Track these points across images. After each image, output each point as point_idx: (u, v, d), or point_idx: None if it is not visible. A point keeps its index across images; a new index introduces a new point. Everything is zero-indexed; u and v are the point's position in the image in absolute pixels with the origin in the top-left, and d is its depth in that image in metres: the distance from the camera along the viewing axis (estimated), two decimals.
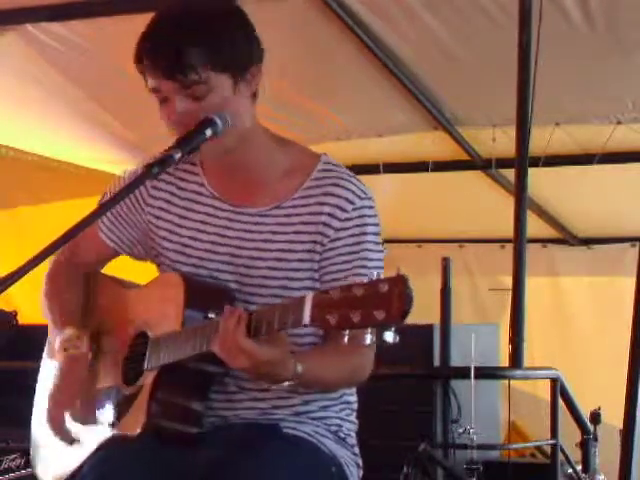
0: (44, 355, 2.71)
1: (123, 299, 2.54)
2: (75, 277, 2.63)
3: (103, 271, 2.71)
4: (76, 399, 2.49)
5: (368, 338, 1.90)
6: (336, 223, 2.37)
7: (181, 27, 2.28)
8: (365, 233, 2.38)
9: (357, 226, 2.38)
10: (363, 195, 2.40)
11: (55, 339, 2.55)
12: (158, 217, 2.50)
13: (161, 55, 2.27)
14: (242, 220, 2.42)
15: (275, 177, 2.42)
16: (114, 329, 2.50)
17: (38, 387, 2.71)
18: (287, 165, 2.43)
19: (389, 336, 1.90)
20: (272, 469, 2.23)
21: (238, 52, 2.32)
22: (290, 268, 2.39)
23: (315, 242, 2.37)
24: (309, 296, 2.00)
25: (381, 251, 2.40)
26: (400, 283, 1.89)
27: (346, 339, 1.93)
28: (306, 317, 1.99)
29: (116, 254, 2.62)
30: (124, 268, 2.73)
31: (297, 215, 2.39)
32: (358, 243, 2.37)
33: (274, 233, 2.40)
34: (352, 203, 2.38)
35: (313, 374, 2.23)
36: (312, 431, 2.41)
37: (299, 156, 2.46)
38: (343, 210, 2.37)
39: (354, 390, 2.53)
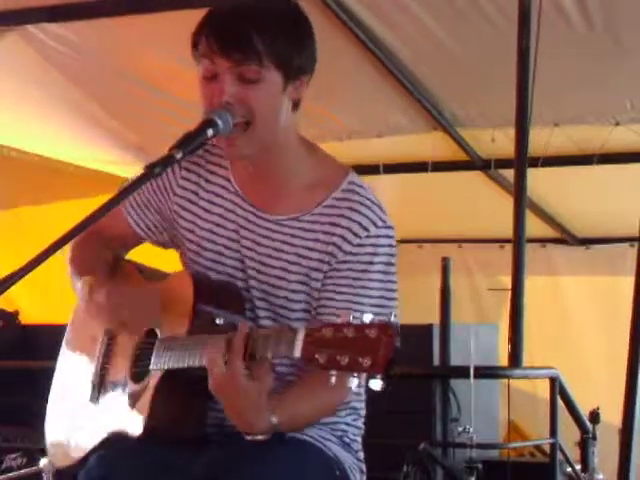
0: (63, 345, 2.72)
1: None
2: (102, 251, 2.60)
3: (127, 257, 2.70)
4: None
5: (354, 382, 1.89)
6: (347, 246, 2.35)
7: (252, 15, 2.30)
8: (373, 263, 2.35)
9: (367, 254, 2.35)
10: (380, 224, 2.38)
11: (78, 295, 2.53)
12: (184, 208, 2.50)
13: (226, 33, 2.28)
14: (258, 224, 2.42)
15: (299, 187, 2.41)
16: (128, 322, 2.49)
17: (59, 363, 2.71)
18: (313, 177, 2.42)
19: (375, 384, 1.88)
20: (275, 471, 2.23)
21: (297, 55, 2.35)
22: (295, 280, 2.38)
23: (322, 261, 2.36)
24: (302, 330, 2.00)
25: (391, 281, 2.37)
26: (388, 331, 1.88)
27: (333, 380, 1.91)
28: (297, 352, 1.99)
29: (141, 240, 2.61)
30: (148, 255, 2.73)
31: (312, 231, 2.38)
32: (364, 271, 2.34)
33: (285, 244, 2.39)
34: (366, 230, 2.36)
35: (288, 425, 2.23)
36: (316, 435, 2.41)
37: (326, 170, 2.44)
38: (356, 235, 2.35)
39: (362, 397, 2.52)
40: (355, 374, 1.89)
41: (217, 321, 2.27)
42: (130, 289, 2.50)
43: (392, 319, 1.92)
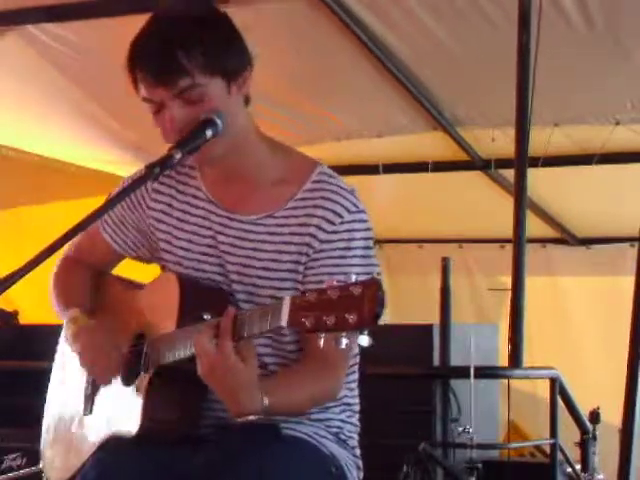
0: (58, 349, 2.73)
1: (125, 299, 2.55)
2: (82, 273, 2.64)
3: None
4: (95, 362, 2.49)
5: (343, 342, 1.91)
6: (322, 235, 2.36)
7: (170, 33, 2.29)
8: (350, 248, 2.36)
9: (343, 240, 2.36)
10: (353, 209, 2.39)
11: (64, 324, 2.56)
12: (160, 221, 2.51)
13: (152, 62, 2.28)
14: (235, 227, 2.43)
15: (268, 184, 2.42)
16: (116, 329, 2.51)
17: (51, 379, 2.73)
18: (281, 173, 2.43)
19: (363, 340, 1.90)
20: (271, 470, 2.23)
21: (229, 55, 2.33)
22: (277, 278, 2.39)
23: (301, 253, 2.37)
24: (287, 298, 2.01)
25: (371, 265, 2.38)
26: (372, 286, 1.89)
27: (321, 342, 1.93)
28: (284, 320, 1.99)
29: (121, 257, 2.63)
30: (131, 269, 2.74)
31: (287, 226, 2.39)
32: (343, 257, 2.36)
33: (264, 242, 2.40)
34: (340, 216, 2.37)
35: (280, 408, 2.24)
36: (312, 432, 2.41)
37: (294, 164, 2.45)
38: (330, 223, 2.36)
39: (355, 392, 2.53)
40: (343, 333, 1.90)
41: (205, 317, 2.28)
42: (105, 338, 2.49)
43: (375, 275, 1.94)
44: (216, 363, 2.13)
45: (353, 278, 1.92)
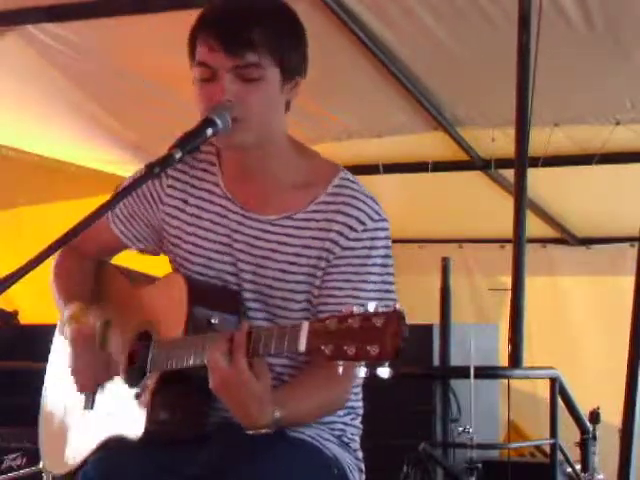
0: (54, 341, 2.72)
1: (130, 296, 2.54)
2: (84, 264, 2.63)
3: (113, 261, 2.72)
4: (86, 371, 2.49)
5: (362, 371, 1.90)
6: (344, 242, 2.34)
7: (252, 9, 2.31)
8: (370, 256, 2.35)
9: (365, 248, 2.35)
10: (376, 217, 2.37)
11: (63, 316, 2.56)
12: (173, 216, 2.49)
13: (226, 28, 2.27)
14: (251, 226, 2.40)
15: (290, 187, 2.40)
16: (119, 326, 2.49)
17: (47, 372, 2.72)
18: (304, 176, 2.41)
19: (383, 372, 1.89)
20: (274, 470, 2.23)
21: (295, 54, 2.35)
22: (294, 280, 2.37)
23: (320, 258, 2.35)
24: (305, 323, 2.00)
25: (389, 274, 2.37)
26: (395, 319, 1.88)
27: (340, 370, 1.92)
28: (302, 345, 1.98)
29: (125, 248, 2.62)
30: (135, 258, 2.73)
31: (308, 229, 2.37)
32: (363, 265, 2.34)
33: (282, 244, 2.38)
34: (363, 224, 2.35)
35: (290, 419, 2.24)
36: (315, 434, 2.41)
37: (317, 168, 2.43)
38: (353, 229, 2.35)
39: (360, 396, 2.52)
40: (363, 363, 1.88)
41: (213, 321, 2.27)
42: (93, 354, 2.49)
43: (398, 306, 1.92)
44: (230, 378, 2.12)
45: (372, 307, 1.90)
